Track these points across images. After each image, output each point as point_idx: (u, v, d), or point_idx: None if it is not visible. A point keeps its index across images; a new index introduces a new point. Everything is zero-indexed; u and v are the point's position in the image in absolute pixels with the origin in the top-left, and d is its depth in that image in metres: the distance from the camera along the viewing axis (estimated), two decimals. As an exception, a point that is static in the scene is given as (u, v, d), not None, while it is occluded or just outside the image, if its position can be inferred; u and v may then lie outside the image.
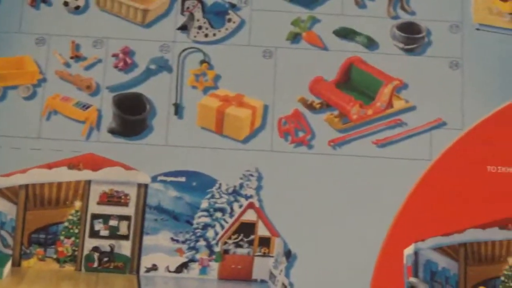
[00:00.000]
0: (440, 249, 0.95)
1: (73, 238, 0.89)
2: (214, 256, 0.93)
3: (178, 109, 0.95)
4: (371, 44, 0.97)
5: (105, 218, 0.90)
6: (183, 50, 0.96)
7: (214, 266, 0.93)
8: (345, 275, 0.92)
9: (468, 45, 0.99)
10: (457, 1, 1.02)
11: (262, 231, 0.94)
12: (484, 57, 0.99)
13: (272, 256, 0.93)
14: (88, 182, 0.90)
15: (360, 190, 0.95)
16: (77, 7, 0.96)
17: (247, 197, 0.94)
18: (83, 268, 0.89)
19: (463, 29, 1.00)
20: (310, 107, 0.95)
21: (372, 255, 0.93)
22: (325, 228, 0.93)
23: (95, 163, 0.91)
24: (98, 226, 0.90)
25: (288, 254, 0.93)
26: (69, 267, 0.90)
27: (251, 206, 0.94)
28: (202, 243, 0.92)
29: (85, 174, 0.90)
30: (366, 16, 1.00)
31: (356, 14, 1.00)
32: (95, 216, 0.89)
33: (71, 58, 0.95)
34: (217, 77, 0.96)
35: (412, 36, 0.98)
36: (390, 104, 0.96)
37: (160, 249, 0.90)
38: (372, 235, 0.93)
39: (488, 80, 0.98)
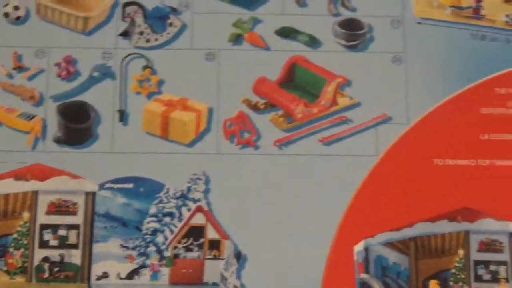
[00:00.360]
0: (391, 244, 1.00)
1: (22, 250, 0.91)
2: (164, 261, 0.97)
3: (122, 116, 0.99)
4: (313, 42, 1.01)
5: (54, 228, 0.92)
6: (126, 56, 1.01)
7: (165, 271, 0.97)
8: (296, 274, 0.96)
9: (410, 40, 1.04)
10: (398, -4, 1.00)
11: (211, 234, 0.99)
12: (427, 50, 1.05)
13: (223, 259, 0.98)
14: (36, 193, 0.93)
15: (308, 189, 0.99)
16: (18, 18, 0.99)
17: (195, 201, 0.99)
18: (33, 279, 0.92)
19: (404, 23, 1.05)
20: (255, 108, 1.00)
21: (322, 253, 0.97)
22: (274, 228, 0.98)
23: (42, 173, 0.94)
24: (47, 236, 0.91)
25: (238, 256, 0.98)
26: (19, 279, 0.92)
27: (199, 209, 0.98)
28: (152, 248, 0.97)
29: (32, 185, 0.92)
30: (307, 15, 1.05)
31: (297, 13, 1.04)
32: (44, 227, 0.92)
33: (14, 69, 0.98)
34: (160, 82, 1.02)
35: (353, 33, 1.02)
36: (334, 102, 1.01)
37: (111, 257, 0.94)
38: (322, 233, 0.98)
39: (431, 74, 1.04)
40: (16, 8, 1.03)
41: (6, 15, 1.03)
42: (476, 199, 1.02)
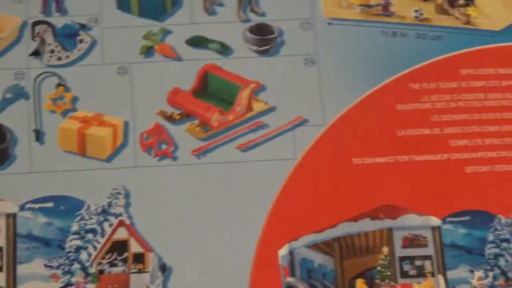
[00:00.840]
0: (315, 246, 1.08)
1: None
2: (89, 278, 1.05)
3: (38, 135, 1.07)
4: (224, 50, 1.11)
5: (-23, 252, 1.02)
6: (38, 76, 1.09)
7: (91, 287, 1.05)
8: (222, 282, 1.05)
9: (321, 41, 1.14)
10: (306, -1, 1.15)
11: (135, 247, 1.06)
12: (339, 51, 1.15)
13: (148, 272, 1.05)
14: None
15: (229, 196, 1.08)
16: None
17: (116, 216, 1.07)
18: None
19: (314, 25, 1.15)
20: (170, 119, 1.09)
21: (247, 259, 1.06)
22: (198, 238, 1.06)
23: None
24: (-25, 262, 1.03)
25: (163, 268, 1.05)
26: None
27: (121, 224, 1.06)
28: (76, 266, 1.05)
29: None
30: (217, 23, 1.14)
31: (206, 21, 1.14)
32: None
33: None
34: (74, 99, 1.11)
35: (264, 38, 1.12)
36: (249, 108, 1.10)
37: (35, 277, 1.04)
38: (246, 239, 1.06)
39: (345, 73, 1.14)
40: None
41: None
42: (397, 196, 1.11)
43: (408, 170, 1.12)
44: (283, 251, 1.07)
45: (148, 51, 1.12)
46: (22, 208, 1.06)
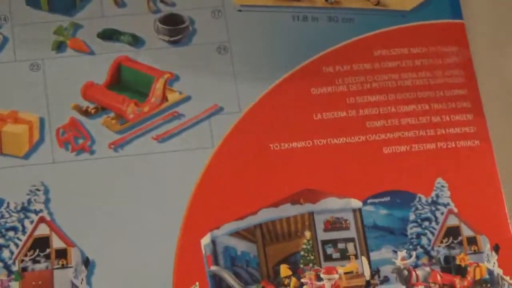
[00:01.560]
0: (237, 234, 1.21)
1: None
2: (13, 276, 1.16)
3: None
4: (136, 41, 1.27)
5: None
6: None
7: (15, 285, 1.16)
8: (146, 274, 1.17)
9: (233, 28, 1.28)
10: (215, -14, 1.31)
11: (57, 243, 1.18)
12: (251, 37, 1.29)
13: (71, 267, 1.17)
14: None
15: (148, 188, 1.21)
16: None
17: (37, 212, 1.19)
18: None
19: (225, 13, 1.29)
20: (86, 113, 1.23)
21: (170, 250, 1.18)
22: (119, 231, 1.19)
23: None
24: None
25: (86, 262, 1.17)
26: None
27: (42, 220, 1.18)
28: None
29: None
30: (127, 15, 1.29)
31: (117, 14, 1.28)
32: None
33: None
34: None
35: (175, 28, 1.27)
36: (164, 98, 1.25)
37: None
38: (168, 230, 1.19)
39: (258, 60, 1.28)
40: None
41: None
42: (317, 180, 1.24)
43: (326, 153, 1.25)
44: (205, 240, 1.20)
45: (60, 46, 1.26)
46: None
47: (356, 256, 1.22)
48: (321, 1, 1.35)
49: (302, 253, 1.22)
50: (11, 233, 1.20)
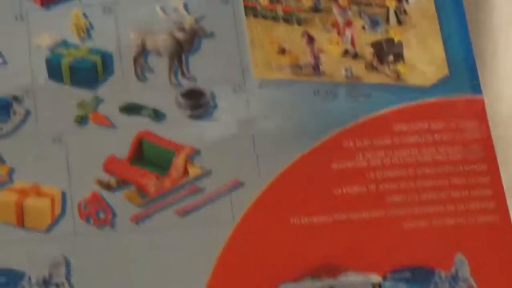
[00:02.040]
0: None
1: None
2: None
3: None
4: (157, 116, 1.34)
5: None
6: None
7: None
8: None
9: (254, 103, 1.37)
10: (236, 62, 1.39)
11: None
12: (272, 112, 1.37)
13: None
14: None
15: (169, 262, 1.26)
16: None
17: (58, 285, 1.23)
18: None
19: (246, 87, 1.38)
20: (108, 187, 1.29)
21: None
22: None
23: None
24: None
25: None
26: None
27: None
28: None
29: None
30: (149, 89, 1.37)
31: (138, 87, 1.37)
32: None
33: None
34: (11, 171, 1.29)
35: (196, 102, 1.35)
36: (185, 173, 1.32)
37: None
38: None
39: (279, 135, 1.35)
40: None
41: None
42: (337, 254, 1.28)
43: (347, 228, 1.30)
44: (224, 314, 1.23)
45: (82, 120, 1.36)
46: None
47: (377, 326, 1.27)
48: (341, 76, 1.41)
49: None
50: (32, 307, 1.23)
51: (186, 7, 1.43)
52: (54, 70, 1.36)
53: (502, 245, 1.32)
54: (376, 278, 1.29)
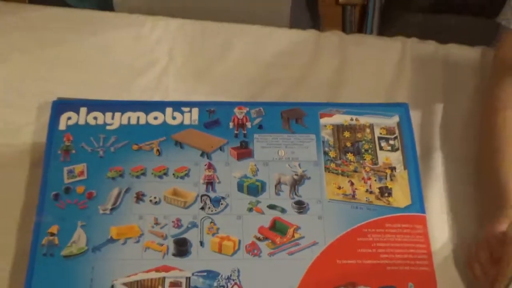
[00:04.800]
0: None
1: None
2: None
3: None
4: (283, 211, 1.65)
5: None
6: None
7: None
8: None
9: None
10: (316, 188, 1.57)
11: None
12: None
13: None
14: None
15: (280, 273, 1.60)
16: None
17: (235, 282, 1.56)
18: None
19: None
20: (259, 239, 1.64)
21: None
22: None
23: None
24: None
25: None
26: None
27: None
28: None
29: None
30: (280, 199, 1.75)
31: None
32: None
33: None
34: (218, 229, 1.62)
35: (300, 207, 1.61)
36: (293, 236, 1.64)
37: None
38: None
39: None
40: None
41: None
42: (355, 276, 1.55)
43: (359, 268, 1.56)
44: None
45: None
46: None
47: None
48: (364, 200, 1.72)
49: None
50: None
51: (300, 165, 1.71)
52: (240, 186, 1.69)
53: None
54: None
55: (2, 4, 1.93)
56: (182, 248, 1.50)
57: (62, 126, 1.62)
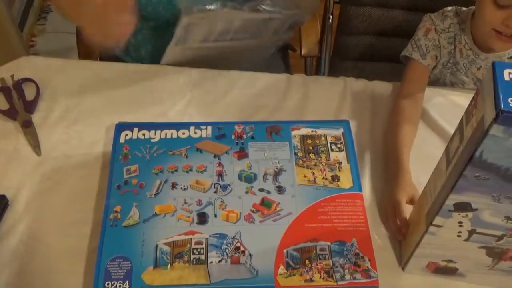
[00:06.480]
0: None
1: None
2: None
3: None
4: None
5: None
6: None
7: None
8: None
9: None
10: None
11: None
12: None
13: None
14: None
15: (260, 236, 1.44)
16: None
17: (236, 240, 1.43)
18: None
19: None
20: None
21: None
22: None
23: None
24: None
25: None
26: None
27: None
28: None
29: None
30: None
31: None
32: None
33: None
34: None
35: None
36: (274, 210, 1.50)
37: None
38: None
39: None
40: None
41: None
42: (315, 235, 1.43)
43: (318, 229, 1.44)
44: None
45: None
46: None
47: None
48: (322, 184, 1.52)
49: None
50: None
51: (278, 162, 1.65)
52: (240, 177, 1.64)
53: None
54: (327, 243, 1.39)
55: (78, 62, 2.06)
56: (202, 218, 1.48)
57: (122, 140, 1.59)
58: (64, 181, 1.47)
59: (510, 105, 0.98)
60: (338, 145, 1.59)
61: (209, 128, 1.58)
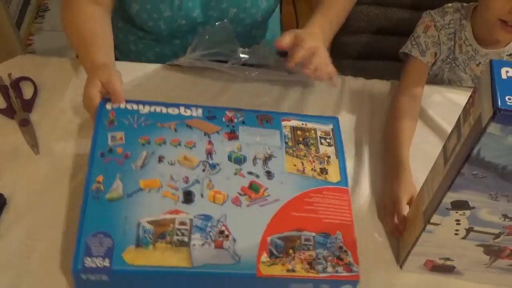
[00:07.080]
0: None
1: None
2: None
3: None
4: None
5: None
6: None
7: None
8: None
9: None
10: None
11: None
12: None
13: None
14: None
15: (247, 218, 1.36)
16: None
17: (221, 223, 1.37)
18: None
19: None
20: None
21: None
22: None
23: None
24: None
25: None
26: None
27: None
28: None
29: None
30: None
31: None
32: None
33: None
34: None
35: None
36: (261, 195, 1.45)
37: None
38: None
39: None
40: None
41: None
42: (300, 225, 1.44)
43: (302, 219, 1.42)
44: None
45: None
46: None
47: None
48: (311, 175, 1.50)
49: None
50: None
51: (269, 148, 1.72)
52: (229, 158, 1.70)
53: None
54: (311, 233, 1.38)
55: (75, 60, 2.03)
56: (188, 197, 1.42)
57: (108, 107, 1.52)
58: (62, 180, 1.45)
59: (508, 103, 0.98)
60: (328, 140, 1.58)
61: (200, 109, 1.52)
